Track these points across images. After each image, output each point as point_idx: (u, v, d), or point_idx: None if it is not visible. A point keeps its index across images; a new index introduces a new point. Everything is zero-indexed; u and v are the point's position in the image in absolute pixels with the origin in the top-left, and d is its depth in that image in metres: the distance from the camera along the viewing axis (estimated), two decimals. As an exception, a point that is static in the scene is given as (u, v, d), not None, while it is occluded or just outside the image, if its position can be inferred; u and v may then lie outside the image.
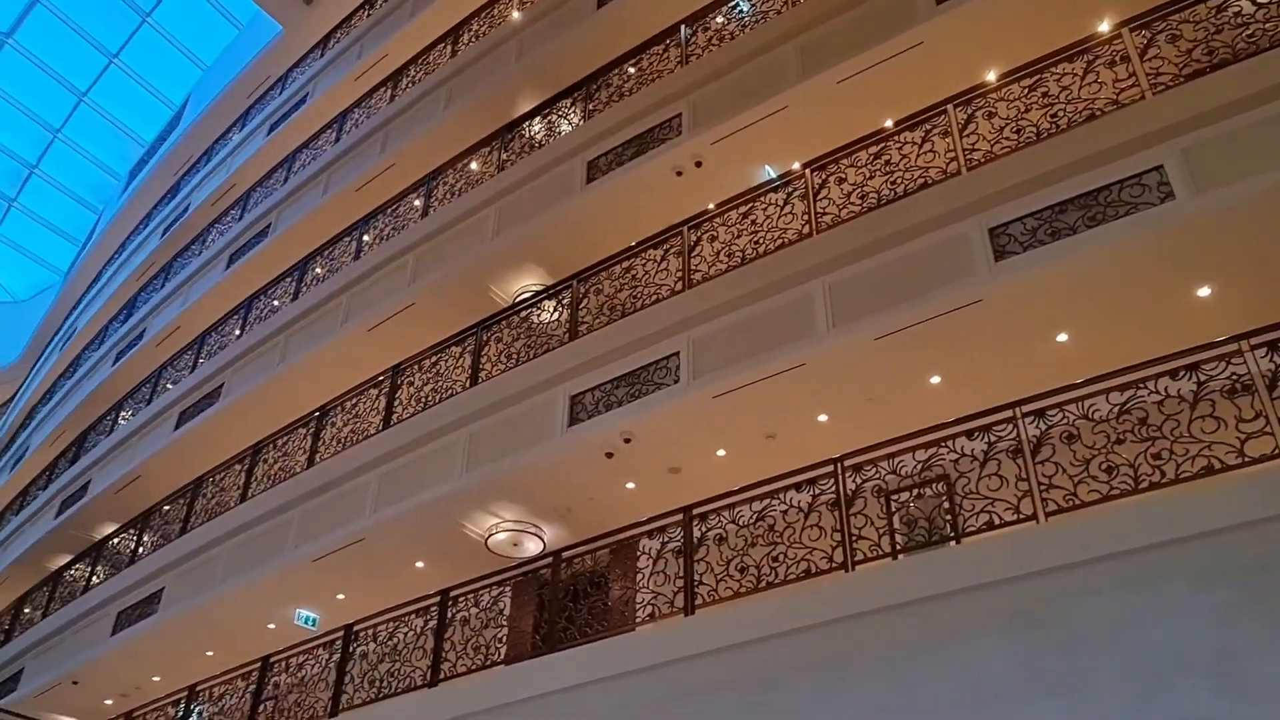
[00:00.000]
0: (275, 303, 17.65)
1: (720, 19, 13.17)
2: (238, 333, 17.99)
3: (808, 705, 7.18)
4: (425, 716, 9.37)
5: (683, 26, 13.42)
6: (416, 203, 15.95)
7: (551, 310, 12.29)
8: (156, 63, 32.23)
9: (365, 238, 16.43)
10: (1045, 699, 6.28)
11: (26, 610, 18.68)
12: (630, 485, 11.00)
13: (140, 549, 16.37)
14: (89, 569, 17.43)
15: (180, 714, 12.36)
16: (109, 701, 15.89)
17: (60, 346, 28.32)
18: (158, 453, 17.60)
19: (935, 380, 9.40)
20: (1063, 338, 8.83)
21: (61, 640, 16.41)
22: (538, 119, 14.87)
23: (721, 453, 10.51)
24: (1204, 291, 8.26)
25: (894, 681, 6.91)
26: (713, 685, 7.71)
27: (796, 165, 10.90)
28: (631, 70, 13.85)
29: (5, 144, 33.50)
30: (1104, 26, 9.54)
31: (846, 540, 7.84)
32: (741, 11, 13.00)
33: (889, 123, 10.36)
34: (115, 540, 17.39)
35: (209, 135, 26.06)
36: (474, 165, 15.44)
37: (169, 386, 19.20)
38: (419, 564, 12.38)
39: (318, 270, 17.14)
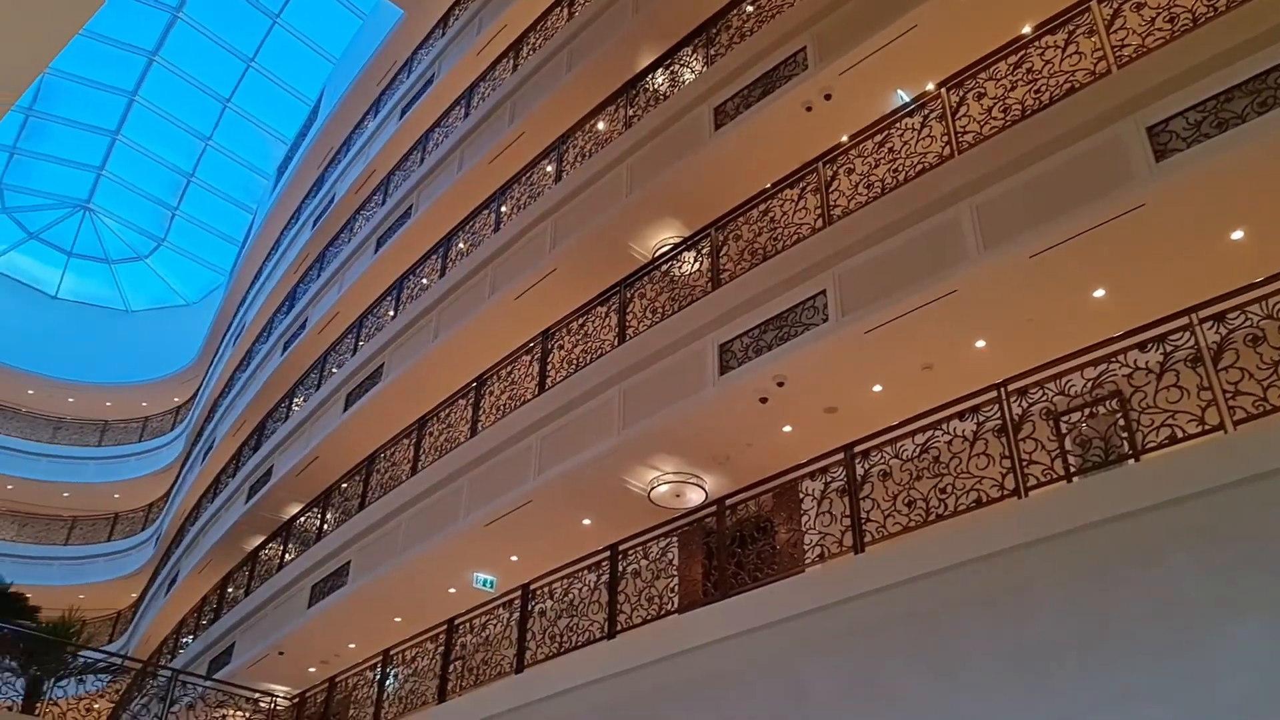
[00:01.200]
0: (424, 281, 18.22)
1: (837, -56, 12.75)
2: (392, 313, 18.66)
3: (986, 636, 7.05)
4: (606, 668, 9.62)
5: (799, -43, 13.06)
6: (549, 169, 16.14)
7: (692, 261, 12.28)
8: (289, 62, 33.53)
9: (503, 209, 16.75)
10: (1242, 616, 5.98)
11: (230, 590, 20.05)
12: (787, 428, 10.95)
13: (325, 526, 17.30)
14: (281, 547, 18.55)
15: (378, 677, 13.07)
16: (312, 669, 16.94)
17: (232, 342, 30.02)
18: (331, 434, 18.53)
19: (1099, 294, 8.97)
20: (1238, 235, 8.27)
21: (265, 615, 17.57)
22: (660, 71, 14.77)
23: (878, 388, 10.33)
24: (1397, 169, 7.60)
25: (1077, 607, 6.70)
26: (887, 621, 7.66)
27: (931, 86, 10.50)
28: (750, 9, 13.57)
29: (164, 156, 35.55)
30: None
31: (1017, 466, 7.61)
32: (859, -67, 12.55)
33: (1027, 29, 9.84)
34: (302, 519, 18.43)
35: (345, 126, 26.96)
36: (601, 125, 15.49)
37: (334, 371, 20.14)
38: (586, 521, 12.68)
39: (460, 245, 17.59)
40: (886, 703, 7.37)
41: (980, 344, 9.65)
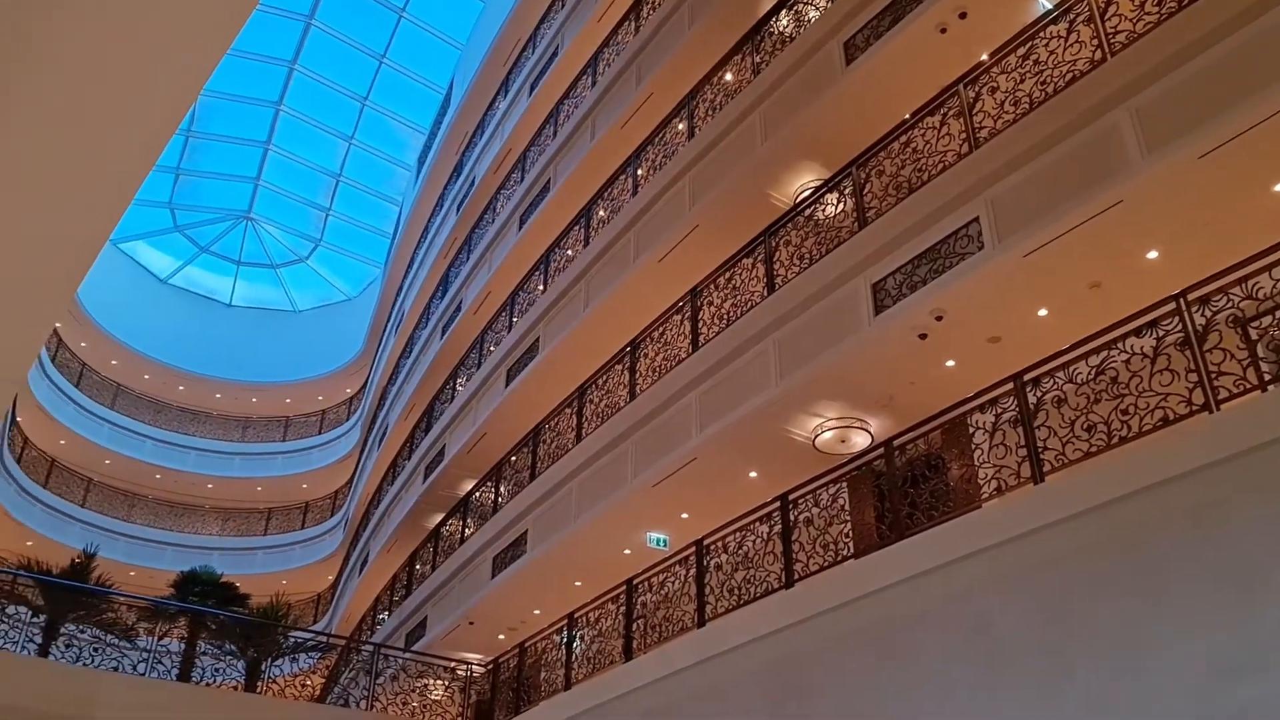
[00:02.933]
0: (569, 252, 18.49)
1: None
2: (542, 287, 19.04)
3: (1187, 559, 6.72)
4: (786, 617, 9.65)
5: (918, -127, 12.51)
6: (680, 126, 16.07)
7: (835, 202, 12.04)
8: (418, 53, 34.46)
9: (639, 172, 16.80)
10: None
11: (418, 566, 21.03)
12: (950, 363, 10.66)
13: (499, 499, 17.90)
14: (461, 522, 19.31)
15: (564, 640, 13.50)
16: (501, 636, 17.62)
17: (394, 330, 31.25)
18: (495, 409, 19.11)
19: (1281, 188, 8.36)
20: None
21: (452, 588, 18.36)
22: (783, 12, 14.44)
23: (1043, 312, 9.92)
24: None
25: (1286, 522, 6.32)
26: (1075, 551, 7.40)
27: (1074, -12, 9.94)
28: (871, -65, 13.11)
29: (312, 160, 37.14)
30: None
31: (1204, 379, 7.19)
32: None
33: (1176, -87, 9.16)
34: (477, 494, 19.13)
35: (478, 109, 27.51)
36: (729, 76, 15.30)
37: (492, 349, 20.72)
38: (752, 474, 12.70)
39: (601, 213, 17.75)
40: (1081, 635, 7.14)
41: (1152, 255, 9.14)
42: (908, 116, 11.33)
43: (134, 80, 5.16)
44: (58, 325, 31.15)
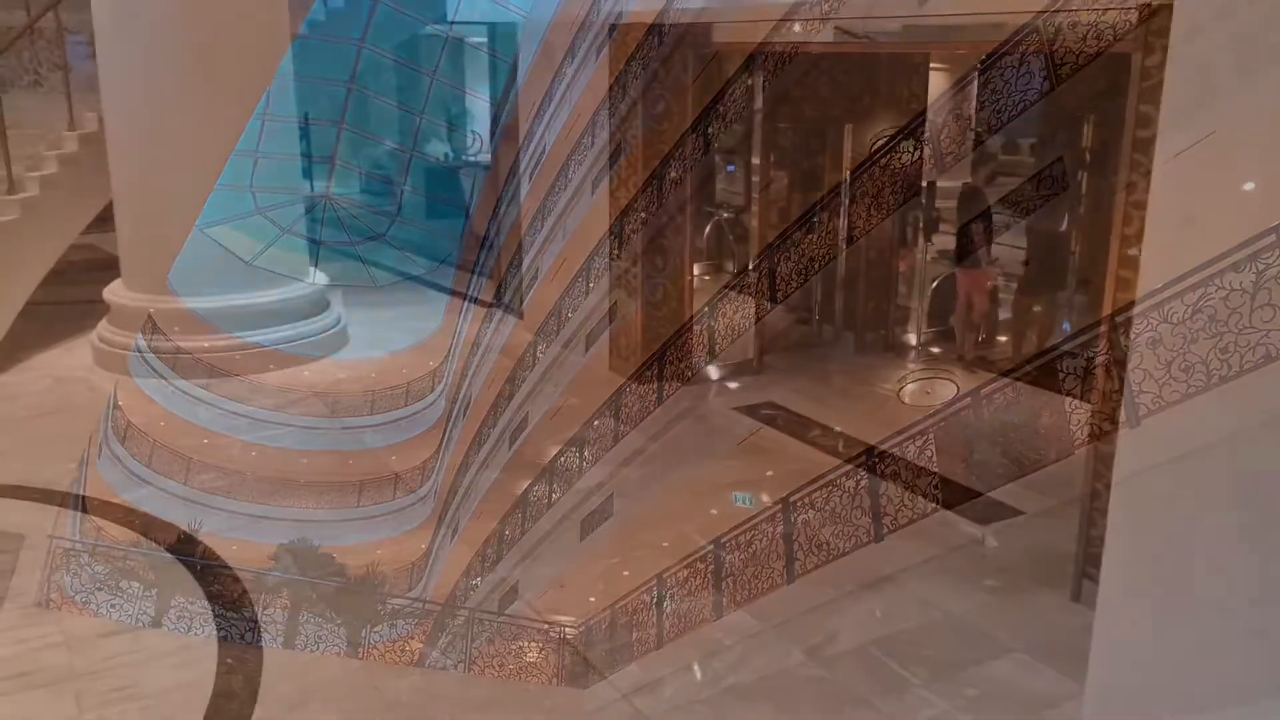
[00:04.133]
0: (642, 215, 18.37)
1: None
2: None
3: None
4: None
5: None
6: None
7: (912, 151, 11.77)
8: (484, 22, 34.46)
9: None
10: None
11: (507, 532, 21.35)
12: (1036, 308, 10.42)
13: (584, 463, 18.03)
14: (547, 487, 19.51)
15: (654, 600, 13.60)
16: (592, 598, 17.81)
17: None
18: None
19: (1389, 107, 7.91)
20: None
21: (541, 552, 18.60)
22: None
23: (1132, 252, 9.60)
24: None
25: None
26: (1179, 491, 7.19)
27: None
28: None
29: (385, 135, 37.56)
30: None
31: (1309, 313, 6.89)
32: None
33: None
34: (562, 459, 19.28)
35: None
36: (796, 28, 15.00)
37: (569, 316, 20.76)
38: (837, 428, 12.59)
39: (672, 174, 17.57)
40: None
41: (1249, 186, 8.76)
42: (986, 55, 11.00)
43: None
44: (151, 310, 32.15)
